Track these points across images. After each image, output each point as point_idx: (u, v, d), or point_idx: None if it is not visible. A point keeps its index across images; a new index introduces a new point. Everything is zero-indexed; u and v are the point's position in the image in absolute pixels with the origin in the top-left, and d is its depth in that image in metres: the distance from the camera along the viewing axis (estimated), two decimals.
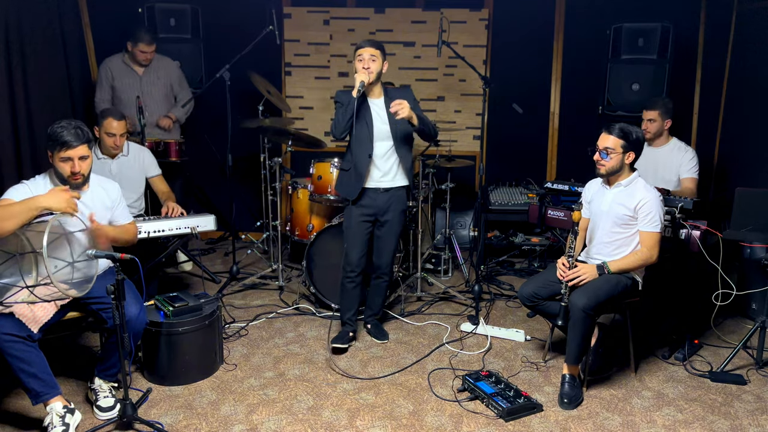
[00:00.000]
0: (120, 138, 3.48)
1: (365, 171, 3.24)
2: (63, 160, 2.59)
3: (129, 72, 4.41)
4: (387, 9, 5.15)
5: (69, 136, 2.55)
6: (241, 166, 5.13)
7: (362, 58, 3.14)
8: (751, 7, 4.18)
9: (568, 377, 2.85)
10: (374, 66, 3.14)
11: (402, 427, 2.65)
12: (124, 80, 4.40)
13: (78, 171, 2.61)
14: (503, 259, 4.89)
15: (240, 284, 4.26)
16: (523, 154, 5.28)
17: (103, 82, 4.40)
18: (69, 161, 2.59)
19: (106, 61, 4.43)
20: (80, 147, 2.59)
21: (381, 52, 3.17)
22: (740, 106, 4.30)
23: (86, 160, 2.65)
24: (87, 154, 2.64)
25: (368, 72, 3.12)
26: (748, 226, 3.05)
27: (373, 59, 3.14)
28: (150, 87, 4.44)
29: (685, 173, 3.73)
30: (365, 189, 3.27)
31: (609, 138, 2.87)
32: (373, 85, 3.22)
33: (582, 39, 5.00)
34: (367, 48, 3.14)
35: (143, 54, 4.33)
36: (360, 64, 3.14)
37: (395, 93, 3.32)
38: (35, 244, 2.40)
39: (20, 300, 2.44)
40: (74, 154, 2.58)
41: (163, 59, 4.54)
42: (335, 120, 3.20)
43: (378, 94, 3.27)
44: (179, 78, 4.59)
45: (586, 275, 2.85)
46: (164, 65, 4.51)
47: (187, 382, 2.97)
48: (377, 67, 3.15)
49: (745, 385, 3.03)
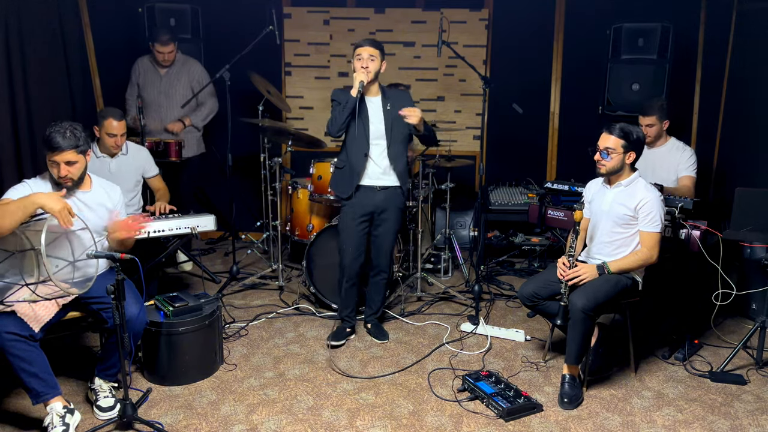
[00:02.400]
0: (120, 138, 3.49)
1: (361, 169, 3.26)
2: (51, 164, 2.61)
3: (153, 71, 4.45)
4: (387, 9, 5.15)
5: (58, 140, 2.54)
6: (241, 166, 5.13)
7: (361, 58, 3.15)
8: (751, 7, 4.18)
9: (568, 377, 2.85)
10: (373, 66, 3.15)
11: (402, 427, 2.65)
12: (146, 78, 4.46)
13: (65, 175, 2.61)
14: (503, 259, 4.89)
15: (240, 284, 4.25)
16: (523, 154, 5.28)
17: (132, 78, 4.52)
18: (55, 165, 2.59)
19: (138, 59, 4.51)
20: (67, 152, 2.57)
21: (380, 52, 3.19)
22: (740, 106, 4.30)
23: (74, 165, 2.62)
24: (75, 160, 2.61)
25: (367, 71, 3.13)
26: (748, 226, 3.05)
27: (372, 59, 3.15)
28: (168, 88, 4.45)
29: (683, 171, 3.73)
30: (360, 186, 3.29)
31: (610, 138, 2.87)
32: (370, 84, 3.23)
33: (582, 39, 5.00)
34: (366, 47, 3.16)
35: (160, 54, 4.34)
36: (359, 63, 3.16)
37: (393, 94, 3.34)
38: (35, 242, 2.41)
39: (22, 299, 2.44)
40: (60, 158, 2.57)
41: (189, 61, 4.53)
42: (332, 118, 3.21)
43: (375, 92, 3.28)
44: (201, 82, 4.53)
45: (586, 275, 2.85)
46: (188, 68, 4.51)
47: (187, 382, 2.97)
48: (376, 67, 3.17)
49: (745, 385, 3.03)
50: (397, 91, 3.47)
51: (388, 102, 3.28)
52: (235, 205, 4.28)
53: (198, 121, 4.58)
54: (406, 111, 3.13)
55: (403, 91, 3.38)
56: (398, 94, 3.37)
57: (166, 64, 4.42)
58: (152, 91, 4.43)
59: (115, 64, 4.72)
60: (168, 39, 4.32)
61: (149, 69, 4.46)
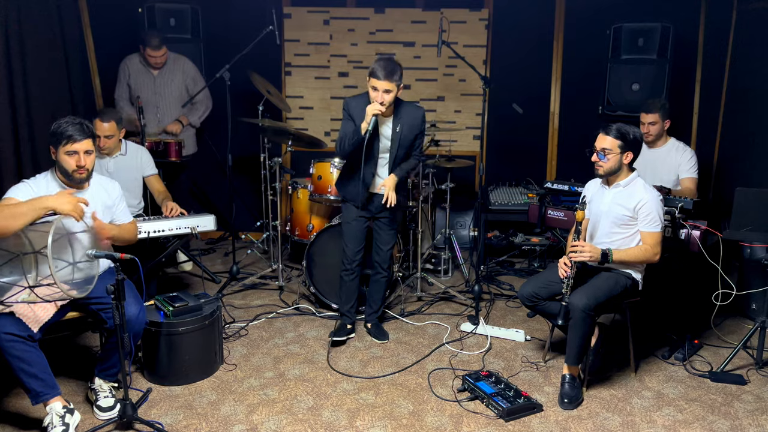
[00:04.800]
0: (105, 140, 3.45)
1: (370, 182, 3.32)
2: (68, 154, 2.60)
3: (144, 72, 4.43)
4: (387, 9, 5.15)
5: (74, 130, 2.58)
6: (241, 166, 5.13)
7: (377, 90, 3.03)
8: (751, 7, 4.18)
9: (568, 377, 2.85)
10: (388, 99, 3.05)
11: (402, 427, 2.65)
12: (138, 79, 4.43)
13: (83, 165, 2.63)
14: (503, 259, 4.89)
15: (240, 284, 4.25)
16: (523, 154, 5.28)
17: (121, 79, 4.47)
18: (75, 155, 2.61)
19: (125, 59, 4.48)
20: (85, 141, 2.62)
21: (396, 84, 3.05)
22: (740, 106, 4.30)
23: (91, 155, 2.67)
24: (92, 149, 2.67)
25: (381, 107, 3.03)
26: (748, 226, 3.05)
27: (388, 91, 3.03)
28: (163, 88, 4.44)
29: (685, 173, 3.73)
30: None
31: (606, 139, 2.87)
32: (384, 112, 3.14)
33: (582, 39, 5.00)
34: (383, 82, 3.00)
35: (152, 58, 4.34)
36: (374, 94, 3.04)
37: (405, 114, 3.22)
38: (36, 244, 2.41)
39: (21, 300, 2.44)
40: (80, 147, 2.60)
41: (180, 59, 4.53)
42: (342, 139, 3.16)
43: (388, 114, 3.20)
44: (194, 79, 4.56)
45: (589, 253, 2.81)
46: (180, 66, 4.50)
47: (187, 382, 2.97)
48: (391, 100, 3.07)
49: (745, 385, 3.03)
50: (410, 110, 3.27)
51: (398, 124, 3.21)
52: (235, 205, 4.28)
53: (195, 120, 4.58)
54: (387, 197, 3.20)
55: (416, 109, 3.24)
56: (410, 115, 3.24)
57: (159, 66, 4.41)
58: (146, 92, 4.40)
59: (115, 64, 4.71)
60: (159, 43, 4.29)
61: (141, 70, 4.43)
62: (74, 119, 2.63)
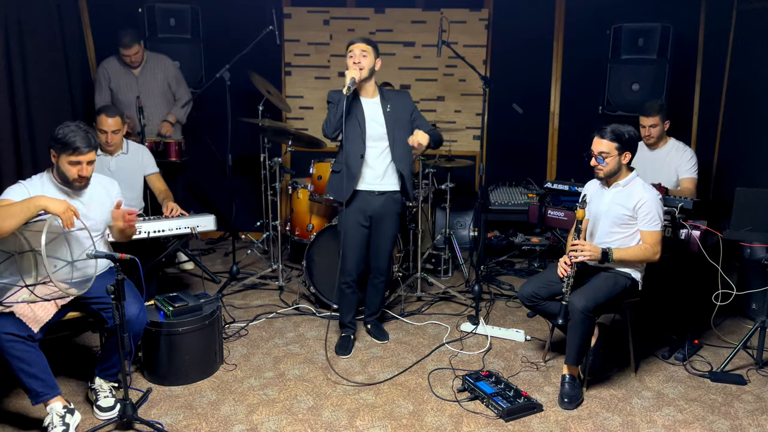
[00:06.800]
0: (112, 135, 3.46)
1: (358, 172, 3.17)
2: (72, 164, 2.60)
3: (125, 73, 4.39)
4: (387, 9, 5.15)
5: (80, 141, 2.57)
6: (241, 166, 5.13)
7: (353, 54, 3.08)
8: (751, 7, 4.18)
9: (568, 377, 2.85)
10: (365, 62, 3.06)
11: (402, 427, 2.65)
12: (120, 81, 4.38)
13: (85, 175, 2.64)
14: (503, 259, 4.89)
15: (240, 284, 4.26)
16: (523, 154, 5.28)
17: (102, 83, 4.40)
18: (78, 165, 2.61)
19: (102, 62, 4.43)
20: (90, 152, 2.62)
21: (372, 48, 3.10)
22: (740, 106, 4.30)
23: (92, 165, 2.68)
24: (94, 159, 2.67)
25: (359, 67, 3.05)
26: (748, 226, 3.05)
27: (364, 54, 3.06)
28: (147, 87, 4.41)
29: (684, 173, 3.72)
30: (357, 191, 3.20)
31: (602, 142, 2.87)
32: (366, 83, 3.14)
33: (582, 39, 5.00)
34: (358, 44, 3.08)
35: (127, 57, 4.29)
36: (351, 60, 3.08)
37: (392, 96, 3.26)
38: (33, 243, 2.41)
39: (20, 299, 2.44)
40: (84, 159, 2.60)
41: (159, 57, 4.50)
42: (327, 119, 3.13)
43: (372, 93, 3.20)
44: (176, 76, 4.55)
45: (589, 252, 2.81)
46: (160, 64, 4.48)
47: (187, 382, 2.97)
48: (369, 63, 3.08)
49: (745, 385, 3.03)
50: (396, 93, 3.38)
51: (387, 104, 3.19)
52: (235, 205, 4.28)
53: (181, 116, 4.55)
54: (413, 141, 3.07)
55: (401, 92, 3.29)
56: (398, 96, 3.28)
57: (136, 65, 4.37)
58: (130, 93, 4.34)
59: None
60: (130, 41, 4.23)
61: (121, 71, 4.38)
62: (80, 127, 2.61)
